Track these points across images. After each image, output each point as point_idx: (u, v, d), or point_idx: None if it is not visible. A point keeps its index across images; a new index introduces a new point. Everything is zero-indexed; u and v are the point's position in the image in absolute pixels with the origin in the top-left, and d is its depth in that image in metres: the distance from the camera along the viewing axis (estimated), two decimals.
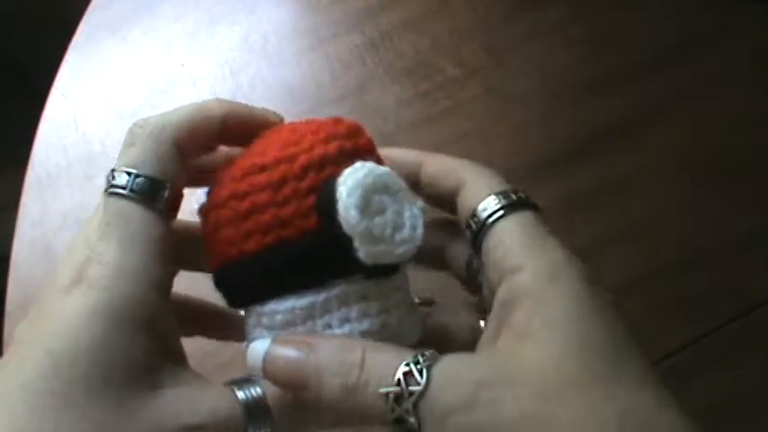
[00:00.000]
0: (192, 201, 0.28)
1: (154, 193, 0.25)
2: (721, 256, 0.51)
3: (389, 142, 0.57)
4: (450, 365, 0.23)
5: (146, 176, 0.25)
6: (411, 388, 0.23)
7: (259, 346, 0.25)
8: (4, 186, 0.70)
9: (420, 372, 0.23)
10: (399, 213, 0.25)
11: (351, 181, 0.25)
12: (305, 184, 0.25)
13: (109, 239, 0.24)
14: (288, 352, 0.25)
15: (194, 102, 0.28)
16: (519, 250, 0.25)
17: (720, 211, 0.53)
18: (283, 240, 0.25)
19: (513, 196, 0.27)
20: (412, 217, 0.26)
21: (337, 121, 0.27)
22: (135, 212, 0.25)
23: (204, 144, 0.28)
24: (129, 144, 0.26)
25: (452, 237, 0.31)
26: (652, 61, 0.59)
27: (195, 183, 0.29)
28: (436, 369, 0.23)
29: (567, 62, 0.59)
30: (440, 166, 0.29)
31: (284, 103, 0.58)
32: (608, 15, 0.61)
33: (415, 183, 0.30)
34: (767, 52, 0.59)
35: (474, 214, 0.27)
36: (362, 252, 0.25)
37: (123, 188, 0.25)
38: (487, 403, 0.22)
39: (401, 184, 0.26)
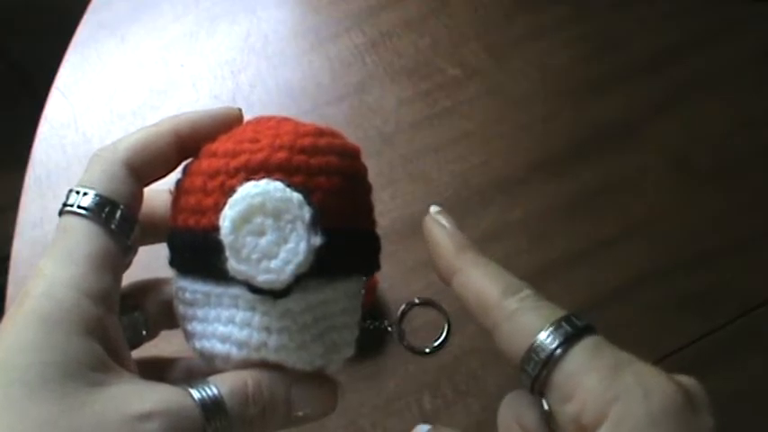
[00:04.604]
0: None
1: (100, 209, 0.26)
2: (721, 256, 0.51)
3: (389, 142, 0.58)
4: None
5: (93, 194, 0.27)
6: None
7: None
8: (4, 186, 0.70)
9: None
10: (278, 243, 0.24)
11: (241, 193, 0.24)
12: (231, 182, 0.25)
13: (50, 254, 0.26)
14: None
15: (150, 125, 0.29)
16: (596, 401, 0.23)
17: (720, 211, 0.53)
18: (196, 226, 0.26)
19: (567, 325, 0.24)
20: (290, 252, 0.24)
21: (314, 132, 0.27)
22: (77, 227, 0.26)
23: (161, 162, 0.29)
24: (86, 169, 0.28)
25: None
26: (652, 61, 0.59)
27: None
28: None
29: (567, 62, 0.59)
30: (477, 289, 0.26)
31: (284, 103, 0.58)
32: (608, 15, 0.61)
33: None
34: (767, 52, 0.59)
35: (531, 351, 0.24)
36: (228, 265, 0.25)
37: (71, 206, 0.27)
38: None
39: (302, 216, 0.24)
